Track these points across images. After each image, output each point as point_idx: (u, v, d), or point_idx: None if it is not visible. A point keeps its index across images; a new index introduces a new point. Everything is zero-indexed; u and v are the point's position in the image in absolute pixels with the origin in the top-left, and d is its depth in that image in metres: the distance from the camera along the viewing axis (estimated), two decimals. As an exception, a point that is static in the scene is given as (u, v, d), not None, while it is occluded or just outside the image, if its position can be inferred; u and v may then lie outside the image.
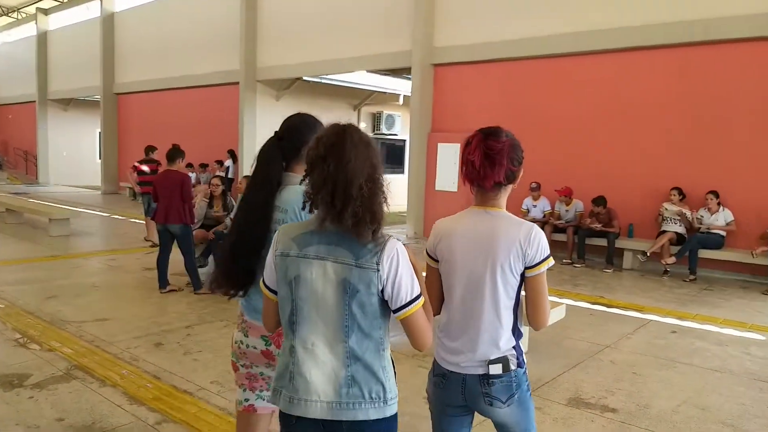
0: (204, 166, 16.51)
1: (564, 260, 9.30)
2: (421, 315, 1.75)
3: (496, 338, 2.00)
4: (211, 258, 7.34)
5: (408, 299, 1.72)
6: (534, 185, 9.85)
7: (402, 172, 19.50)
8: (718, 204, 8.35)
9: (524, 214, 9.95)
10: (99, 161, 22.56)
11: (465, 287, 2.03)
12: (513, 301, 2.03)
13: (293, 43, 14.45)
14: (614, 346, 5.30)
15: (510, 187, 2.08)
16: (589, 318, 6.23)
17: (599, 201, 8.96)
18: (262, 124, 15.88)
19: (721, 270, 8.48)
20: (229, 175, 15.47)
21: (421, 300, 1.76)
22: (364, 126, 18.76)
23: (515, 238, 1.98)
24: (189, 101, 17.75)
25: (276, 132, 2.29)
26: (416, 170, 11.89)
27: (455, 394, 2.05)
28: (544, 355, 4.99)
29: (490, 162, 1.99)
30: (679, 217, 8.55)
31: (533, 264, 1.98)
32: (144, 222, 10.50)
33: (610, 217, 9.01)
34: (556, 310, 4.90)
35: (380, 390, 1.74)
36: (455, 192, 11.47)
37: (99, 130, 22.31)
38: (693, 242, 8.28)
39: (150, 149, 11.13)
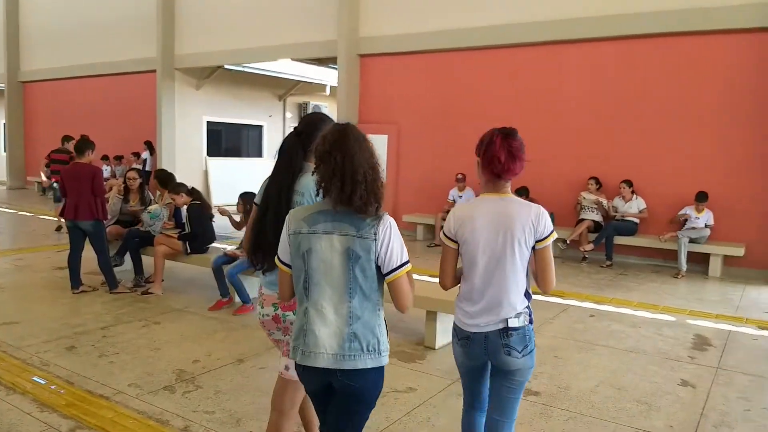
0: (119, 159, 15.80)
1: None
2: (406, 280, 2.15)
3: (514, 300, 2.42)
4: (127, 256, 6.99)
5: (397, 264, 2.11)
6: (460, 176, 10.02)
7: (329, 164, 19.40)
8: (632, 192, 8.79)
9: (450, 205, 10.11)
10: (3, 154, 21.07)
11: (488, 260, 2.42)
12: (525, 270, 2.45)
13: (214, 30, 13.98)
14: (537, 331, 5.40)
15: (511, 177, 2.48)
16: (513, 305, 6.40)
17: (521, 191, 9.20)
18: (181, 114, 15.32)
19: (635, 255, 8.93)
20: (147, 168, 14.86)
21: (408, 266, 2.15)
22: (290, 116, 18.51)
23: (527, 218, 2.40)
24: (102, 90, 16.85)
25: (295, 128, 2.67)
26: (343, 162, 11.80)
27: (479, 350, 2.45)
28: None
29: (512, 158, 2.41)
30: (596, 206, 8.93)
31: (542, 237, 2.42)
32: (55, 212, 9.98)
33: None
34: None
35: (376, 343, 2.12)
36: (384, 184, 11.49)
37: (3, 121, 20.82)
38: (609, 229, 8.68)
39: (66, 139, 10.64)
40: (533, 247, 2.42)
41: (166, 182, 6.96)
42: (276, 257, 2.25)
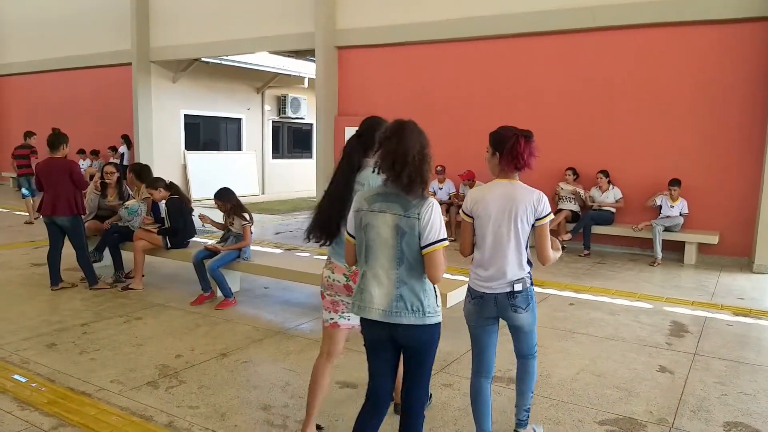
0: (96, 153, 15.55)
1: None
2: (441, 254, 2.48)
3: (517, 267, 2.96)
4: (107, 251, 6.91)
5: (434, 239, 2.47)
6: (439, 168, 10.07)
7: (310, 157, 19.32)
8: (608, 182, 8.91)
9: (431, 195, 10.13)
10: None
11: (495, 233, 2.95)
12: (526, 243, 2.97)
13: (190, 22, 13.80)
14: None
15: (524, 169, 2.99)
16: (494, 295, 6.46)
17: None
18: (158, 107, 15.13)
19: (612, 244, 9.07)
20: (124, 162, 14.65)
21: (444, 243, 2.48)
22: (268, 109, 18.37)
23: (529, 200, 2.92)
24: (77, 84, 16.54)
25: (357, 131, 3.18)
26: (324, 155, 11.78)
27: (490, 308, 3.01)
28: (453, 332, 5.11)
29: (531, 156, 2.95)
30: (573, 196, 9.04)
31: (540, 217, 2.94)
32: (27, 206, 9.87)
33: None
34: (462, 288, 5.03)
35: (419, 305, 2.52)
36: (363, 175, 11.49)
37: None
38: (586, 219, 8.80)
39: (27, 134, 10.56)
40: (533, 225, 2.95)
41: (143, 176, 6.88)
42: (346, 230, 2.72)
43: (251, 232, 6.04)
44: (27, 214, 9.82)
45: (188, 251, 6.37)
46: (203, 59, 14.61)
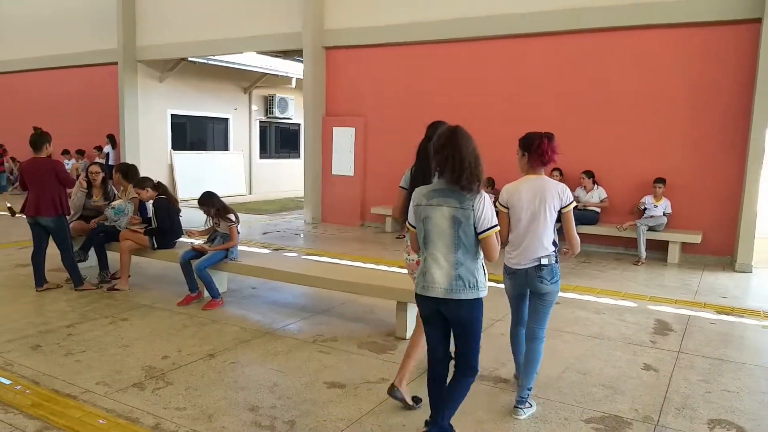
0: (81, 153, 15.42)
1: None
2: (493, 239, 2.95)
3: (544, 246, 3.53)
4: (92, 251, 6.85)
5: (487, 227, 2.92)
6: (428, 170, 10.08)
7: (298, 157, 19.28)
8: (593, 183, 8.99)
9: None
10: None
11: (528, 219, 3.54)
12: (553, 227, 3.53)
13: (177, 22, 13.72)
14: (504, 319, 5.55)
15: (548, 164, 3.61)
16: (482, 294, 6.48)
17: (488, 183, 9.33)
18: (145, 107, 15.02)
19: (597, 244, 9.15)
20: (110, 162, 14.54)
21: (496, 229, 2.96)
22: (255, 109, 18.30)
23: (555, 191, 3.52)
24: (62, 83, 16.37)
25: (427, 135, 3.71)
26: (312, 155, 11.76)
27: (521, 280, 3.60)
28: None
29: (554, 153, 3.53)
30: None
31: (565, 205, 3.53)
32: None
33: (497, 198, 9.41)
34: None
35: (474, 282, 2.96)
36: (352, 176, 11.50)
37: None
38: (572, 219, 8.86)
39: None
40: (560, 211, 3.52)
41: (130, 176, 6.83)
42: (407, 222, 3.18)
43: (238, 232, 6.02)
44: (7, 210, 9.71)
45: (175, 251, 6.33)
46: (190, 59, 14.52)
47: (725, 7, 8.15)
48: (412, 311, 4.99)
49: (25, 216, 6.21)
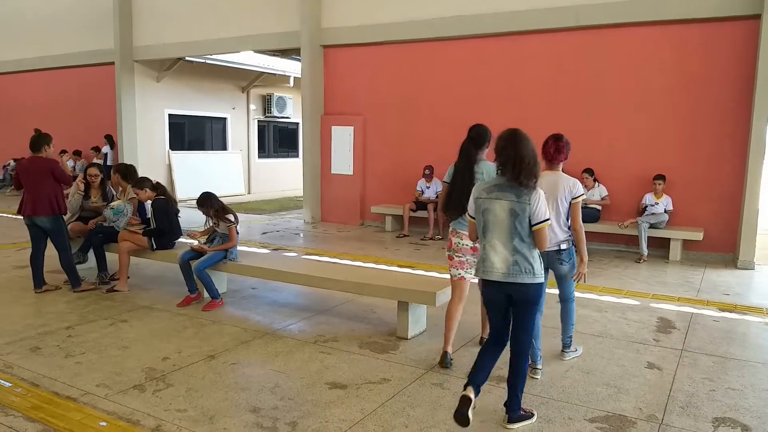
0: (78, 153, 15.36)
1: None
2: (545, 231, 3.31)
3: (560, 231, 4.15)
4: (90, 253, 6.82)
5: (540, 219, 3.27)
6: (427, 172, 10.08)
7: (296, 156, 19.23)
8: (594, 180, 8.96)
9: (419, 195, 10.15)
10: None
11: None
12: (567, 215, 4.16)
13: (174, 21, 13.67)
14: (507, 318, 5.53)
15: (562, 162, 4.28)
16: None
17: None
18: (143, 107, 14.97)
19: (598, 242, 9.12)
20: (108, 162, 14.49)
21: (547, 222, 3.32)
22: (254, 108, 18.26)
23: (567, 184, 4.15)
24: (59, 83, 16.31)
25: (469, 135, 4.38)
26: (310, 154, 11.72)
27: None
28: (442, 331, 5.10)
29: (557, 151, 4.19)
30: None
31: (575, 197, 4.15)
32: None
33: None
34: (444, 291, 4.94)
35: (530, 267, 3.29)
36: (351, 175, 11.46)
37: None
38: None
39: None
40: (570, 202, 4.14)
41: (128, 176, 6.79)
42: (467, 213, 3.58)
43: (237, 233, 5.99)
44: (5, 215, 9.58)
45: (174, 252, 6.30)
46: (187, 58, 14.47)
47: (724, 3, 8.12)
48: (414, 311, 4.97)
49: (22, 217, 6.17)
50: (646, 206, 8.54)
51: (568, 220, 4.17)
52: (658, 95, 8.69)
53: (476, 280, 3.70)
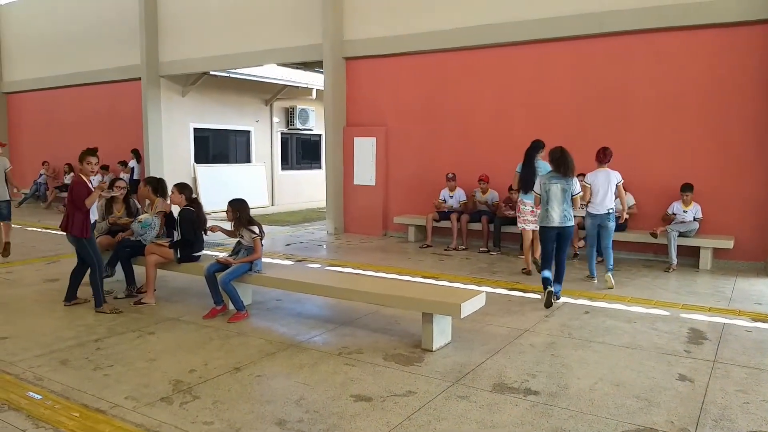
0: (105, 168, 15.62)
1: (480, 248, 9.54)
2: (578, 199, 6.49)
3: (610, 202, 7.10)
4: (118, 266, 6.91)
5: (575, 193, 6.43)
6: (450, 176, 10.02)
7: (319, 168, 19.34)
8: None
9: (441, 203, 10.12)
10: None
11: (603, 189, 7.09)
12: (613, 193, 7.13)
13: (198, 36, 13.91)
14: (532, 329, 5.48)
15: (608, 162, 7.25)
16: (508, 304, 6.41)
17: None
18: (168, 121, 15.23)
19: (626, 250, 8.97)
20: (135, 176, 14.73)
21: (579, 194, 6.53)
22: (277, 121, 18.43)
23: (613, 175, 7.16)
24: (87, 99, 16.70)
25: (532, 145, 7.63)
26: (333, 166, 11.78)
27: (597, 220, 7.17)
28: (467, 342, 5.07)
29: (605, 157, 7.24)
30: (585, 203, 8.94)
31: (619, 182, 7.20)
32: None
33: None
34: (475, 299, 4.97)
35: (570, 218, 6.40)
36: (374, 186, 11.48)
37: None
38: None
39: None
40: (616, 185, 7.08)
41: (159, 190, 6.88)
42: (533, 191, 6.66)
43: (262, 245, 6.03)
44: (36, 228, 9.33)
45: (200, 265, 6.35)
46: (212, 73, 14.70)
47: (745, 7, 8.00)
48: (438, 322, 4.94)
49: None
50: (675, 214, 8.39)
51: (614, 196, 7.04)
52: (686, 102, 8.56)
53: (528, 228, 7.70)
